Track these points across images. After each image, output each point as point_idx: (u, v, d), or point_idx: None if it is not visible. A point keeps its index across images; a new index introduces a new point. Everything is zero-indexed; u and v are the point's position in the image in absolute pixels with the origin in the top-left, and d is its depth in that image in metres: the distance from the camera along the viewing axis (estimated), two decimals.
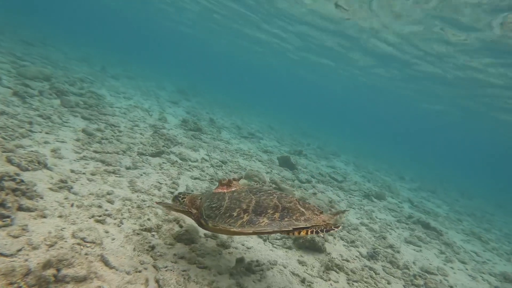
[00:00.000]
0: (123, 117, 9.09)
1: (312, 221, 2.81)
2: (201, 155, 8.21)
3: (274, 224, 2.79)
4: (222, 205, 3.10)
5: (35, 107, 6.97)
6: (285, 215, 2.85)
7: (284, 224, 2.77)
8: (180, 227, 4.32)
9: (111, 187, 4.74)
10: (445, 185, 22.95)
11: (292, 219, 2.81)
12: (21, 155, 4.34)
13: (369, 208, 9.12)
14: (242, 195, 3.20)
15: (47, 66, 11.99)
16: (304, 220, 2.81)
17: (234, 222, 2.87)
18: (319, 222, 2.82)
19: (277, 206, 2.94)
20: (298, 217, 2.84)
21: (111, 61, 25.43)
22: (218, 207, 3.11)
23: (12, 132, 5.18)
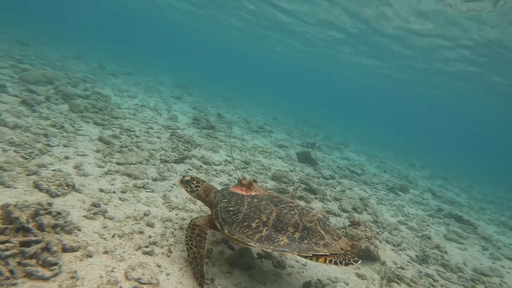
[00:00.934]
0: (134, 119, 8.52)
1: (331, 248, 2.75)
2: (222, 157, 7.73)
3: (294, 245, 2.69)
4: (241, 211, 2.96)
5: (45, 116, 6.38)
6: (305, 236, 2.77)
7: (304, 247, 2.69)
8: (230, 249, 3.89)
9: (146, 205, 4.26)
10: (453, 170, 22.87)
11: (311, 243, 2.74)
12: (47, 178, 3.82)
13: (398, 202, 8.79)
14: (263, 204, 3.04)
15: (46, 67, 11.26)
16: (323, 246, 2.74)
17: (252, 235, 2.75)
18: (337, 250, 2.76)
19: (298, 225, 2.84)
20: (318, 240, 2.78)
21: (105, 56, 24.43)
22: (236, 212, 2.96)
23: (31, 149, 4.63)
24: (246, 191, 3.27)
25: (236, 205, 3.05)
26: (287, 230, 2.79)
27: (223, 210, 3.03)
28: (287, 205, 3.10)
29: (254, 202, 3.07)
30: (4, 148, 4.42)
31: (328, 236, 2.87)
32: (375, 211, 7.17)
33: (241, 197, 3.15)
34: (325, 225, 3.04)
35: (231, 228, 2.86)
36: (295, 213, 2.98)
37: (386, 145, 27.90)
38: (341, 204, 6.82)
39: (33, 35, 18.72)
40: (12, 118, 5.67)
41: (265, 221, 2.85)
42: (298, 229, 2.81)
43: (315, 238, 2.79)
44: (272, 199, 3.16)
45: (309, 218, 2.98)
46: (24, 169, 3.98)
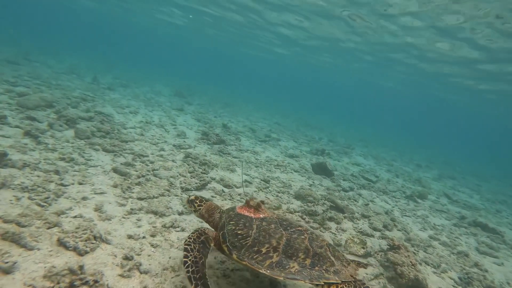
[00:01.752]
0: (143, 139, 8.07)
1: (341, 275, 2.74)
2: (240, 177, 7.34)
3: (305, 272, 2.65)
4: (250, 235, 2.86)
5: (52, 147, 5.91)
6: (315, 263, 2.73)
7: (315, 274, 2.66)
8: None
9: (180, 250, 3.86)
10: (457, 168, 22.85)
11: (322, 269, 2.71)
12: (72, 232, 3.39)
13: (421, 213, 8.53)
14: (272, 227, 2.96)
15: (41, 87, 10.73)
16: (333, 273, 2.72)
17: (262, 261, 2.68)
18: (347, 277, 2.75)
19: (308, 250, 2.80)
20: (329, 267, 2.74)
21: (97, 68, 23.82)
22: (245, 236, 2.86)
23: (45, 193, 4.18)
24: (254, 213, 3.14)
25: (245, 228, 2.94)
26: (297, 256, 2.74)
27: (231, 233, 2.90)
28: (296, 229, 3.02)
29: (263, 225, 2.97)
30: (17, 196, 3.97)
31: (338, 263, 2.83)
32: (404, 227, 6.87)
33: (250, 220, 3.04)
34: (335, 250, 3.01)
35: (240, 253, 2.75)
36: (305, 237, 2.92)
37: (387, 143, 27.83)
38: (371, 222, 6.50)
39: (21, 52, 18.02)
40: (19, 155, 5.20)
41: (276, 246, 2.77)
42: (309, 255, 2.77)
43: (325, 264, 2.74)
44: (281, 223, 3.07)
45: (319, 243, 2.94)
46: (44, 222, 3.54)
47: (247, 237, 2.85)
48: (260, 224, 2.99)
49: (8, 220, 3.41)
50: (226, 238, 2.89)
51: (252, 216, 3.10)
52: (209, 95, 27.34)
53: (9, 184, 4.13)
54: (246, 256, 2.73)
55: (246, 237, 2.86)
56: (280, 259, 2.70)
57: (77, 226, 3.54)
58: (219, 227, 3.15)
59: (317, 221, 5.84)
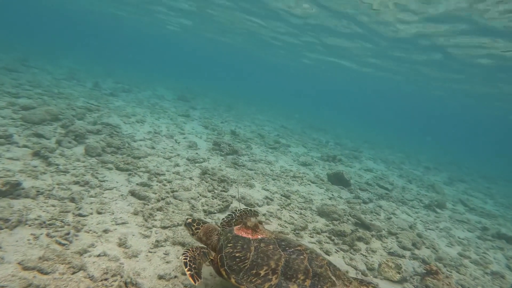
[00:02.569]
0: (155, 154, 7.72)
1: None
2: (260, 192, 7.02)
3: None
4: (248, 258, 2.82)
5: (63, 168, 5.56)
6: (316, 284, 2.67)
7: None
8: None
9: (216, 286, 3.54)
10: (463, 169, 22.66)
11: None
12: (102, 280, 3.05)
13: (444, 225, 8.26)
14: (270, 248, 2.90)
15: (44, 97, 10.34)
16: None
17: (261, 284, 2.64)
18: None
19: (308, 271, 2.74)
20: (329, 287, 2.69)
21: (96, 71, 23.39)
22: (243, 259, 2.82)
23: (64, 228, 3.84)
24: (252, 234, 3.09)
25: (243, 250, 2.89)
26: (297, 278, 2.68)
27: (229, 256, 2.87)
28: (295, 249, 2.96)
29: (262, 246, 2.92)
30: (35, 234, 3.62)
31: (339, 282, 2.77)
32: (432, 244, 6.58)
33: (247, 242, 2.98)
34: (335, 269, 2.95)
35: (238, 277, 2.72)
36: (304, 257, 2.86)
37: (391, 144, 27.60)
38: (400, 241, 6.20)
39: (18, 57, 17.55)
40: (31, 181, 4.84)
41: (274, 268, 2.72)
42: (309, 276, 2.71)
43: (326, 285, 2.69)
44: (279, 243, 3.01)
45: (319, 262, 2.87)
46: (68, 266, 3.20)
47: (245, 260, 2.81)
48: (258, 245, 2.93)
49: (29, 267, 3.07)
50: (224, 262, 2.86)
51: (250, 238, 3.04)
52: (211, 97, 26.98)
53: (25, 220, 3.78)
54: (245, 279, 2.69)
55: (244, 259, 2.81)
56: (279, 282, 2.65)
57: (105, 271, 3.21)
58: (217, 249, 3.09)
59: (346, 242, 5.54)
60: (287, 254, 2.87)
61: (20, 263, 3.11)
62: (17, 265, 3.08)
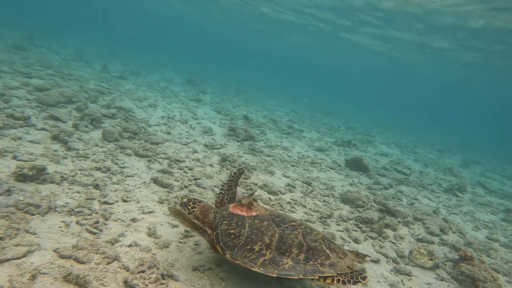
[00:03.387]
0: (172, 139, 7.55)
1: (337, 268, 2.69)
2: (281, 179, 6.87)
3: (299, 268, 2.62)
4: (242, 234, 2.86)
5: (83, 153, 5.41)
6: (310, 257, 2.70)
7: (309, 269, 2.62)
8: None
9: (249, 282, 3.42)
10: (476, 150, 22.32)
11: (317, 263, 2.68)
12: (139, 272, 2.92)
13: (467, 209, 8.09)
14: (265, 224, 2.93)
15: (55, 78, 10.14)
16: (329, 266, 2.69)
17: (255, 259, 2.68)
18: (344, 269, 2.70)
19: (302, 245, 2.77)
20: (324, 261, 2.71)
21: (102, 53, 23.08)
22: (238, 235, 2.86)
23: (91, 215, 3.72)
24: (247, 211, 3.12)
25: (237, 227, 2.93)
26: (291, 252, 2.72)
27: (224, 233, 2.91)
28: (289, 224, 2.98)
29: (256, 223, 2.95)
30: (65, 221, 3.50)
31: (333, 255, 2.80)
32: (459, 229, 6.44)
33: (242, 218, 3.02)
34: (330, 243, 2.95)
35: (233, 253, 2.76)
36: (298, 232, 2.88)
37: (401, 127, 27.21)
38: (427, 227, 6.06)
39: (24, 35, 17.23)
40: (53, 166, 4.70)
41: (268, 244, 2.76)
42: (303, 250, 2.74)
43: (320, 258, 2.72)
44: (274, 219, 3.02)
45: (313, 237, 2.90)
46: (102, 256, 3.07)
47: (240, 236, 2.84)
48: (253, 222, 2.96)
49: (65, 256, 2.95)
50: (219, 238, 2.89)
51: (245, 215, 3.06)
52: (219, 81, 26.60)
53: (54, 207, 3.65)
54: (239, 255, 2.72)
55: (238, 236, 2.85)
56: (273, 256, 2.68)
57: (140, 262, 3.07)
58: (213, 227, 3.13)
59: (374, 229, 5.39)
60: (281, 229, 2.89)
61: (56, 251, 2.99)
62: (53, 253, 2.97)
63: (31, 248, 2.91)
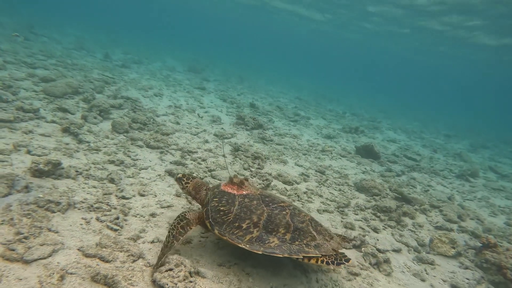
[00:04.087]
0: (181, 129, 7.42)
1: (322, 249, 2.73)
2: (294, 168, 6.77)
3: (285, 247, 2.67)
4: (231, 211, 2.92)
5: (94, 146, 5.29)
6: (296, 238, 2.75)
7: (294, 249, 2.67)
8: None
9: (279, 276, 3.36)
10: (482, 134, 22.16)
11: (302, 244, 2.72)
12: (167, 271, 2.84)
13: (481, 194, 8.04)
14: (254, 204, 3.00)
15: (58, 67, 9.94)
16: (314, 247, 2.72)
17: (243, 236, 2.73)
18: (328, 251, 2.74)
19: (289, 225, 2.82)
20: (309, 241, 2.75)
21: (102, 41, 22.66)
22: (227, 212, 2.92)
23: (111, 211, 3.63)
24: (238, 190, 3.17)
25: (227, 204, 3.00)
26: (278, 231, 2.76)
27: (214, 210, 2.97)
28: (278, 205, 3.04)
29: (245, 202, 3.02)
30: (86, 218, 3.41)
31: (319, 237, 2.83)
32: (477, 215, 6.37)
33: (232, 197, 3.09)
34: (317, 225, 2.99)
35: (221, 229, 2.81)
36: (286, 213, 2.94)
37: (405, 113, 26.94)
38: (445, 214, 5.99)
39: (24, 23, 16.89)
40: (67, 160, 4.59)
41: (256, 222, 2.81)
42: (289, 230, 2.79)
43: (306, 239, 2.76)
44: (263, 199, 3.09)
45: (301, 218, 2.95)
46: (127, 254, 3.00)
47: (229, 213, 2.89)
48: (242, 200, 3.02)
49: (90, 255, 2.87)
50: (209, 215, 2.94)
51: (235, 193, 3.13)
52: (221, 68, 26.23)
53: (74, 203, 3.56)
54: (227, 231, 2.77)
55: (228, 213, 2.90)
56: (260, 234, 2.72)
57: (166, 260, 3.00)
58: (204, 204, 3.18)
59: (393, 218, 5.32)
60: (269, 209, 2.95)
61: (80, 249, 2.91)
62: (78, 252, 2.89)
63: (56, 247, 2.83)
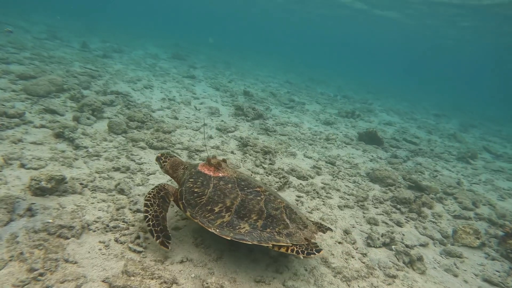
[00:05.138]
0: (182, 125, 6.95)
1: (294, 238, 2.66)
2: (304, 160, 6.51)
3: (255, 234, 2.59)
4: (205, 193, 2.85)
5: (94, 151, 4.81)
6: (268, 225, 2.68)
7: (265, 236, 2.59)
8: None
9: None
10: (468, 113, 22.68)
11: (274, 232, 2.65)
12: None
13: (485, 177, 8.11)
14: (229, 187, 2.92)
15: (34, 61, 9.13)
16: (286, 235, 2.65)
17: (214, 220, 2.67)
18: (300, 240, 2.68)
19: (262, 212, 2.75)
20: (281, 229, 2.68)
21: (75, 28, 21.20)
22: (201, 194, 2.85)
23: (129, 229, 3.24)
24: (214, 171, 3.08)
25: (202, 186, 2.91)
26: (250, 217, 2.69)
27: (188, 191, 2.89)
28: (254, 190, 2.96)
29: (220, 184, 2.93)
30: (104, 242, 3.01)
31: (293, 225, 2.76)
32: (488, 200, 6.38)
33: (208, 178, 2.99)
34: (292, 213, 2.92)
35: (193, 211, 2.74)
36: (261, 199, 2.87)
37: (392, 93, 27.09)
38: (460, 201, 5.95)
39: None
40: (67, 170, 4.12)
41: (229, 206, 2.74)
42: (262, 216, 2.71)
43: (278, 227, 2.69)
44: (239, 183, 3.00)
45: (275, 205, 2.88)
46: (159, 281, 2.66)
47: (203, 196, 2.83)
48: (218, 183, 2.94)
49: (118, 287, 2.52)
50: (183, 195, 2.87)
51: (211, 175, 3.04)
52: (205, 53, 25.31)
53: (87, 225, 3.15)
54: (199, 214, 2.70)
55: (201, 195, 2.83)
56: (231, 219, 2.66)
57: (203, 283, 2.70)
58: (181, 184, 3.12)
59: (413, 210, 5.20)
60: (244, 194, 2.88)
61: (106, 281, 2.55)
62: (103, 284, 2.53)
63: (79, 283, 2.47)
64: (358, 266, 3.64)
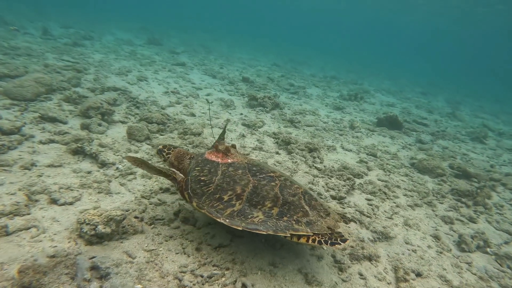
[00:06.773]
0: (204, 124, 6.06)
1: (315, 227, 2.34)
2: (347, 154, 5.97)
3: (270, 223, 2.30)
4: (213, 181, 2.56)
5: (125, 168, 3.86)
6: (285, 213, 2.38)
7: (282, 225, 2.29)
8: None
9: None
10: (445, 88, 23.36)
11: (292, 220, 2.35)
12: None
13: (507, 157, 8.10)
14: (239, 173, 2.64)
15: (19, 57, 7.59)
16: (306, 224, 2.35)
17: (223, 209, 2.37)
18: (323, 229, 2.35)
19: (277, 198, 2.45)
20: (300, 217, 2.38)
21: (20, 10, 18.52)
22: (208, 182, 2.57)
23: (225, 274, 2.49)
24: (222, 158, 2.84)
25: (209, 174, 2.64)
26: (264, 205, 2.39)
27: (194, 180, 2.61)
28: (267, 175, 2.67)
29: (229, 171, 2.66)
30: None
31: (313, 213, 2.46)
32: None
33: (216, 165, 2.73)
34: (311, 199, 2.60)
35: (200, 201, 2.46)
36: (275, 184, 2.57)
37: (372, 71, 27.24)
38: (510, 188, 5.77)
39: None
40: (108, 200, 3.20)
41: (239, 194, 2.45)
42: (278, 204, 2.42)
43: (297, 214, 2.39)
44: (250, 168, 2.72)
45: (292, 191, 2.57)
46: None
47: (210, 184, 2.55)
48: (226, 169, 2.67)
49: None
50: (188, 185, 2.60)
51: (219, 161, 2.79)
52: (181, 38, 23.56)
53: (179, 279, 2.35)
54: (206, 204, 2.42)
55: (209, 183, 2.55)
56: (243, 208, 2.37)
57: None
58: (187, 173, 2.82)
59: (479, 203, 4.89)
60: (256, 180, 2.59)
61: None
62: None
63: None
64: (473, 280, 3.22)
